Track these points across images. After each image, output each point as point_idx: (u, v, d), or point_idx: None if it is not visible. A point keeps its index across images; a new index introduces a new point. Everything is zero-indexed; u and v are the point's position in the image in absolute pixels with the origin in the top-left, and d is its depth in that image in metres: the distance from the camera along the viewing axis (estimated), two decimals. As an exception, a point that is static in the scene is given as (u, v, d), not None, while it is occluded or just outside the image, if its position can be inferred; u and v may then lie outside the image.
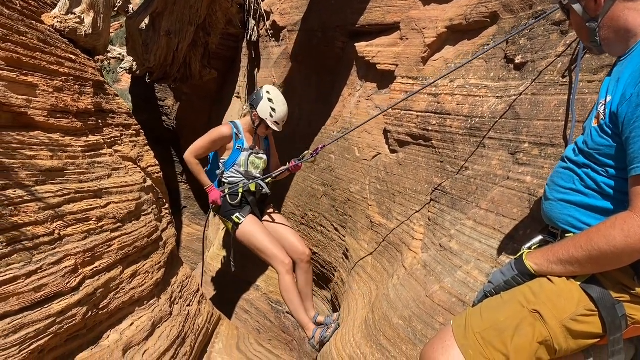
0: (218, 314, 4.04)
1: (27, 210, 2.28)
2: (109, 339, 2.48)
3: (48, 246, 2.29)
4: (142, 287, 2.90)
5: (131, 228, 3.02)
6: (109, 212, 2.88)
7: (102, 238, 2.70)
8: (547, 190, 1.73)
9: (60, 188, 2.61)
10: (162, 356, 2.72)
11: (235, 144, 3.93)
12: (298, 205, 6.08)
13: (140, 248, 3.04)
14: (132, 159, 3.71)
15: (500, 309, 1.57)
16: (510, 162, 2.86)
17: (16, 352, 1.86)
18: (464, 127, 3.35)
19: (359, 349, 3.17)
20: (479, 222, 2.82)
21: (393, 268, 3.65)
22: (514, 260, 1.68)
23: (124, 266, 2.83)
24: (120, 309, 2.68)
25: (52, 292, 2.14)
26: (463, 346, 1.53)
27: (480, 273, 2.59)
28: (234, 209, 3.87)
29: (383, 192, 4.26)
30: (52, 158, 2.68)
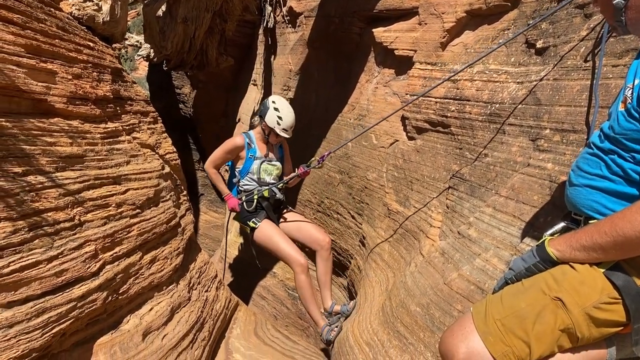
0: (236, 299, 4.07)
1: (48, 196, 2.30)
2: (129, 324, 2.51)
3: (68, 232, 2.31)
4: (161, 273, 2.92)
5: (150, 214, 3.04)
6: (128, 198, 2.90)
7: (122, 224, 2.73)
8: (572, 176, 1.69)
9: (79, 174, 2.63)
10: (181, 341, 2.75)
11: (248, 153, 4.12)
12: (314, 192, 6.08)
13: (159, 234, 3.06)
14: (150, 146, 3.73)
15: (521, 296, 1.55)
16: (530, 149, 2.82)
17: (39, 335, 1.89)
18: (483, 113, 3.30)
19: (376, 336, 3.17)
20: (499, 209, 2.79)
21: (410, 256, 3.63)
22: (536, 247, 1.65)
23: (143, 252, 2.85)
24: (140, 294, 2.71)
25: (73, 277, 2.16)
26: (483, 333, 1.51)
27: (499, 261, 2.56)
28: (250, 215, 4.05)
29: (400, 179, 4.23)
30: (72, 145, 2.70)
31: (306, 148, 6.37)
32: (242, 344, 3.40)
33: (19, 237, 1.99)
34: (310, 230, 4.26)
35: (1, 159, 2.20)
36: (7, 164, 2.22)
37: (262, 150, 4.16)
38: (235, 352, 3.28)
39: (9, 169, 2.20)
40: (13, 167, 2.23)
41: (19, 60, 2.50)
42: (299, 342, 3.88)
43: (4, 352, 1.74)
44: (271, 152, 4.24)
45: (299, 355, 3.47)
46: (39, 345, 1.87)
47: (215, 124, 10.20)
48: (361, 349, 3.27)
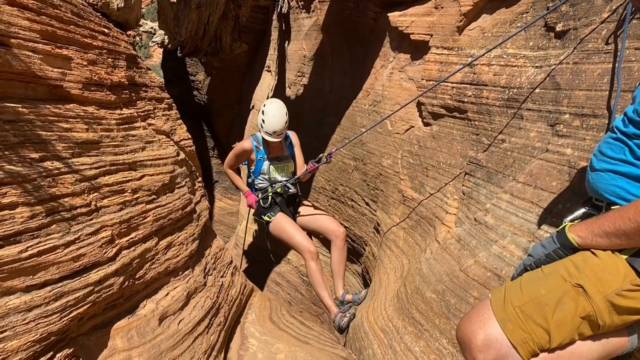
0: (251, 285, 4.09)
1: (65, 181, 2.31)
2: (146, 308, 2.53)
3: (85, 217, 2.32)
4: (177, 258, 2.94)
5: (165, 200, 3.05)
6: (144, 184, 2.91)
7: (138, 210, 2.74)
8: (593, 161, 1.65)
9: (95, 160, 2.64)
10: (197, 325, 2.76)
11: (257, 155, 4.26)
12: (329, 179, 6.06)
13: (174, 220, 3.07)
14: (165, 132, 3.74)
15: (541, 283, 1.52)
16: (549, 134, 2.77)
17: (57, 319, 1.91)
18: (500, 99, 3.25)
19: (391, 322, 3.17)
20: (516, 195, 2.75)
21: (425, 242, 3.61)
22: (556, 233, 1.62)
23: (159, 237, 2.86)
24: (156, 279, 2.72)
25: (90, 261, 2.18)
26: (502, 320, 1.49)
27: (516, 247, 2.53)
28: (265, 210, 4.26)
29: (416, 166, 4.20)
30: (88, 130, 2.71)
31: (320, 135, 6.35)
32: (257, 329, 3.42)
33: (37, 222, 2.00)
34: (325, 221, 4.37)
35: (18, 145, 2.21)
36: (24, 149, 2.23)
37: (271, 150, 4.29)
38: (251, 337, 3.29)
39: (26, 154, 2.21)
40: (30, 152, 2.25)
41: (34, 46, 2.50)
42: (313, 327, 3.89)
43: (23, 335, 1.76)
44: (279, 151, 4.35)
45: (313, 341, 3.48)
46: (57, 329, 1.89)
47: (229, 110, 10.21)
48: (376, 334, 3.27)
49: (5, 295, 1.80)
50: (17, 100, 2.40)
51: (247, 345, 3.19)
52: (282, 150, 4.36)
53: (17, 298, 1.82)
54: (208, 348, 2.74)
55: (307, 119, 6.86)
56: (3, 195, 1.93)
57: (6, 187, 1.96)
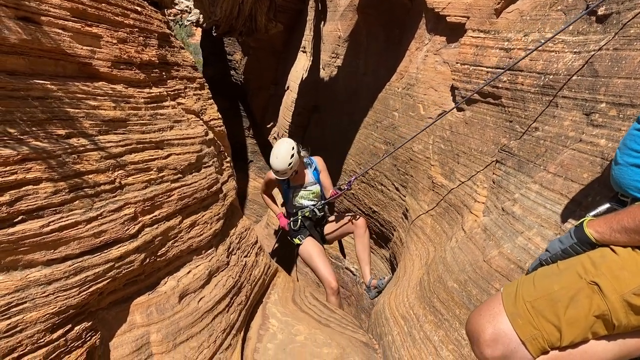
0: (275, 266, 4.12)
1: (90, 158, 2.35)
2: (166, 285, 2.57)
3: (109, 194, 2.37)
4: (200, 237, 2.97)
5: (191, 179, 3.08)
6: (170, 163, 2.94)
7: (162, 188, 2.77)
8: (617, 154, 1.57)
9: (122, 138, 2.67)
10: (217, 304, 2.80)
11: (283, 185, 4.70)
12: (359, 163, 6.02)
13: (199, 199, 3.10)
14: (194, 112, 3.76)
15: (555, 278, 1.46)
16: (584, 124, 2.66)
17: (76, 293, 1.96)
18: (536, 85, 3.14)
19: (412, 310, 3.13)
20: (546, 186, 2.66)
21: (452, 230, 3.55)
22: (574, 228, 1.55)
23: (183, 216, 2.90)
24: (178, 257, 2.76)
25: (111, 238, 2.22)
26: (512, 315, 1.45)
27: (542, 240, 2.45)
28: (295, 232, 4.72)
29: (447, 152, 4.11)
30: (115, 109, 2.75)
31: (352, 118, 6.30)
32: (279, 310, 3.44)
33: (60, 198, 2.05)
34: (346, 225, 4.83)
35: (45, 121, 2.26)
36: (51, 126, 2.28)
37: (294, 180, 4.69)
38: (272, 317, 3.32)
39: (52, 131, 2.26)
40: (57, 129, 2.29)
41: (64, 24, 2.54)
42: (336, 310, 3.90)
43: (42, 307, 1.81)
44: (302, 180, 4.75)
45: (334, 324, 3.48)
46: (75, 302, 1.94)
47: (265, 91, 10.23)
48: (396, 321, 3.25)
49: (26, 268, 1.85)
50: (46, 77, 2.44)
51: (268, 326, 3.21)
52: (305, 179, 4.78)
53: (37, 271, 1.87)
54: (227, 327, 2.77)
55: (340, 102, 6.81)
56: (28, 170, 1.97)
57: (31, 162, 2.01)
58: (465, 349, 2.50)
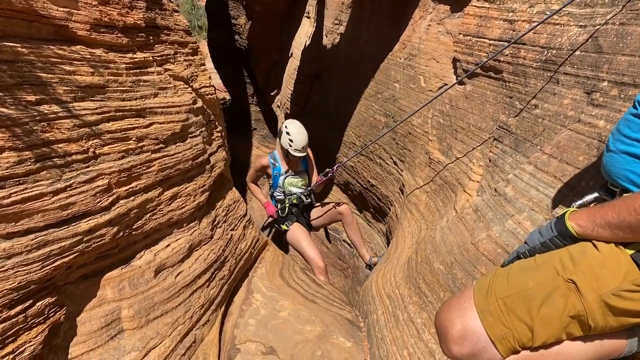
0: (265, 239, 4.04)
1: (61, 127, 2.25)
2: (142, 259, 2.50)
3: (80, 164, 2.27)
4: (182, 210, 2.88)
5: (174, 150, 2.98)
6: (151, 132, 2.84)
7: (141, 159, 2.67)
8: (610, 140, 1.44)
9: (99, 105, 2.57)
10: (197, 279, 2.73)
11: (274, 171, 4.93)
12: (359, 135, 5.89)
13: (183, 171, 3.00)
14: (183, 79, 3.63)
15: (530, 274, 1.36)
16: (584, 103, 2.51)
17: (38, 268, 1.88)
18: (538, 60, 2.98)
19: (398, 289, 3.06)
20: (540, 167, 2.53)
21: (445, 209, 3.44)
22: (555, 220, 1.43)
23: (164, 188, 2.81)
24: (157, 230, 2.68)
25: (80, 210, 2.14)
26: (482, 311, 1.35)
27: (532, 224, 2.34)
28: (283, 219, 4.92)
29: (445, 127, 3.97)
30: (93, 74, 2.63)
31: (353, 88, 6.13)
32: (265, 285, 3.38)
33: (24, 168, 1.96)
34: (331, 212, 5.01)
35: (14, 86, 2.15)
36: (20, 91, 2.17)
37: (285, 167, 4.91)
38: (257, 292, 3.26)
39: (21, 96, 2.16)
40: (27, 95, 2.19)
41: (36, -18, 2.41)
42: (324, 286, 3.83)
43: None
44: (294, 167, 4.95)
45: (321, 300, 3.42)
46: (37, 277, 1.87)
47: (268, 57, 10.01)
48: (382, 300, 3.18)
49: (-18, 242, 1.78)
50: (18, 40, 2.32)
51: (251, 300, 3.15)
52: (297, 166, 4.96)
53: (-5, 245, 1.80)
54: (206, 302, 2.71)
55: (342, 71, 6.63)
56: (-13, 139, 1.88)
57: (-7, 130, 1.92)
58: (447, 334, 2.43)
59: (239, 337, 2.76)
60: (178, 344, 2.36)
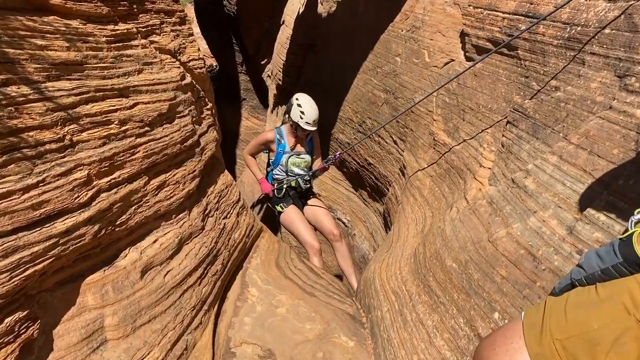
0: (259, 226, 3.81)
1: (32, 111, 1.97)
2: (127, 259, 2.25)
3: (55, 154, 2.00)
4: (170, 200, 2.63)
5: (161, 133, 2.71)
6: (135, 114, 2.56)
7: (125, 144, 2.40)
8: None
9: (77, 85, 2.28)
10: (188, 277, 2.50)
11: (278, 147, 4.67)
12: (356, 111, 5.61)
13: (171, 155, 2.74)
14: (170, 52, 3.33)
15: (593, 312, 1.13)
16: (615, 87, 2.27)
17: (6, 279, 1.63)
18: (560, 37, 2.72)
19: (405, 285, 2.85)
20: (566, 159, 2.30)
21: (453, 197, 3.22)
22: (619, 242, 1.20)
23: (150, 176, 2.55)
24: (143, 224, 2.43)
25: (55, 209, 1.88)
26: (536, 355, 1.13)
27: (559, 224, 2.12)
28: (278, 200, 4.71)
29: (452, 106, 3.72)
30: (69, 49, 2.33)
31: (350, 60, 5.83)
32: (260, 277, 3.16)
33: (-14, 163, 1.69)
34: (323, 221, 4.76)
35: (-25, 66, 1.86)
36: (-18, 71, 1.88)
37: (290, 144, 4.68)
38: (252, 285, 3.04)
39: (-16, 77, 1.87)
40: (-10, 75, 1.90)
41: (0, -57, 2.08)
42: (322, 275, 3.63)
43: (-43, 301, 1.50)
44: (300, 145, 4.72)
45: (320, 292, 3.21)
46: (5, 291, 1.62)
47: (260, 24, 9.60)
48: (387, 296, 2.98)
49: (-64, 253, 1.52)
50: (-20, 10, 2.02)
51: (247, 295, 2.94)
52: (303, 145, 4.74)
53: (-49, 256, 1.54)
54: (198, 302, 2.48)
55: (337, 40, 6.30)
56: (-59, 130, 1.60)
57: (-52, 120, 1.64)
58: (462, 341, 2.23)
59: (234, 339, 2.55)
60: (168, 352, 2.14)
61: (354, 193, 6.28)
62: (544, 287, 2.01)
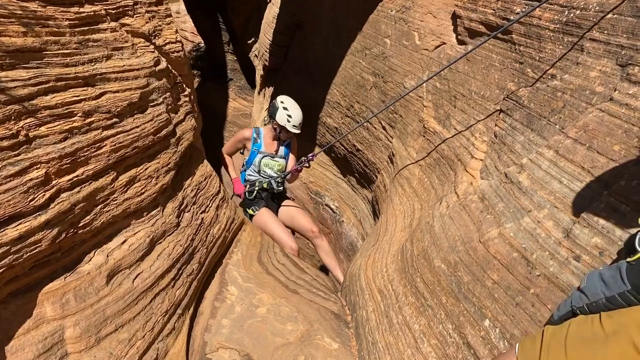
0: (241, 218, 3.64)
1: (-20, 105, 1.79)
2: (91, 263, 2.09)
3: (8, 153, 1.83)
4: (141, 197, 2.46)
5: (131, 124, 2.53)
6: (102, 104, 2.37)
7: (89, 138, 2.22)
8: None
9: (35, 74, 2.08)
10: (160, 279, 2.34)
11: (253, 146, 4.65)
12: (345, 94, 5.42)
13: (142, 148, 2.56)
14: (144, 35, 3.12)
15: (598, 348, 0.99)
16: (617, 77, 2.12)
17: (-55, 298, 1.47)
18: (557, 21, 2.56)
19: (391, 285, 2.72)
20: (563, 154, 2.15)
21: (443, 189, 3.08)
22: (627, 266, 1.06)
23: (119, 171, 2.38)
24: (111, 224, 2.26)
25: (5, 214, 1.71)
26: None
27: (555, 226, 1.98)
28: (250, 202, 4.64)
29: (443, 92, 3.55)
30: (26, 35, 2.13)
31: (339, 41, 5.62)
32: (241, 273, 3.01)
33: None
34: (301, 220, 4.71)
35: None
36: None
37: (267, 146, 4.65)
38: (232, 283, 2.89)
39: None
40: None
41: None
42: (306, 270, 3.48)
43: None
44: (276, 149, 4.67)
45: (303, 289, 3.07)
46: (-56, 310, 1.46)
47: (247, 2, 9.31)
48: (372, 295, 2.85)
49: None
50: None
51: (225, 295, 2.79)
52: (278, 149, 4.69)
53: None
54: (171, 306, 2.33)
55: (326, 20, 6.06)
56: None
57: None
58: (450, 348, 2.11)
59: (210, 344, 2.41)
60: (136, 364, 2.00)
61: (342, 179, 6.13)
62: (538, 294, 1.87)
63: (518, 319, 1.90)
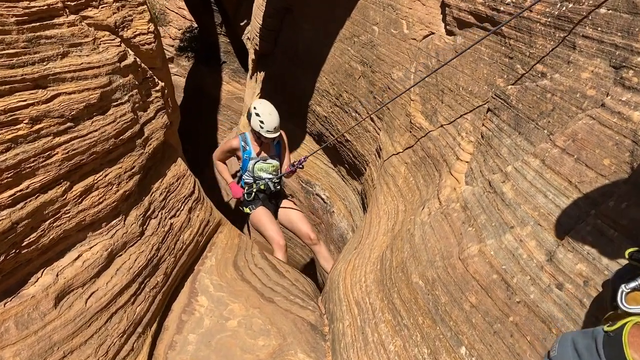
0: (217, 219, 3.48)
1: None
2: (38, 284, 1.94)
3: None
4: (99, 206, 2.30)
5: (89, 128, 2.35)
6: (54, 108, 2.20)
7: (37, 148, 2.05)
8: None
9: (-28, 79, 1.91)
10: (117, 297, 2.19)
11: (244, 154, 4.62)
12: (333, 83, 5.22)
13: (101, 153, 2.39)
14: (109, 28, 2.93)
15: None
16: (609, 80, 1.93)
17: None
18: (549, 14, 2.37)
19: (369, 297, 2.57)
20: (549, 165, 1.97)
21: (427, 191, 2.91)
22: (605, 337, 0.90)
23: (73, 181, 2.21)
24: (63, 238, 2.11)
25: None
26: None
27: (538, 246, 1.81)
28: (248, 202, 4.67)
29: (430, 85, 3.36)
30: (-37, 35, 1.95)
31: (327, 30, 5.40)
32: (214, 281, 2.86)
33: None
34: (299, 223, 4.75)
35: None
36: None
37: (256, 150, 4.62)
38: (202, 293, 2.74)
39: None
40: None
41: None
42: (286, 274, 3.33)
43: None
44: (266, 150, 4.65)
45: (280, 297, 2.92)
46: None
47: (239, -16, 9.04)
48: (349, 307, 2.70)
49: None
50: None
51: (194, 306, 2.64)
52: (269, 150, 4.66)
53: None
54: (129, 325, 2.18)
55: (315, 4, 5.82)
56: None
57: None
58: (425, 375, 1.96)
59: (173, 363, 2.27)
60: (86, 393, 1.86)
61: (333, 169, 5.96)
62: (517, 323, 1.72)
63: (495, 350, 1.75)
